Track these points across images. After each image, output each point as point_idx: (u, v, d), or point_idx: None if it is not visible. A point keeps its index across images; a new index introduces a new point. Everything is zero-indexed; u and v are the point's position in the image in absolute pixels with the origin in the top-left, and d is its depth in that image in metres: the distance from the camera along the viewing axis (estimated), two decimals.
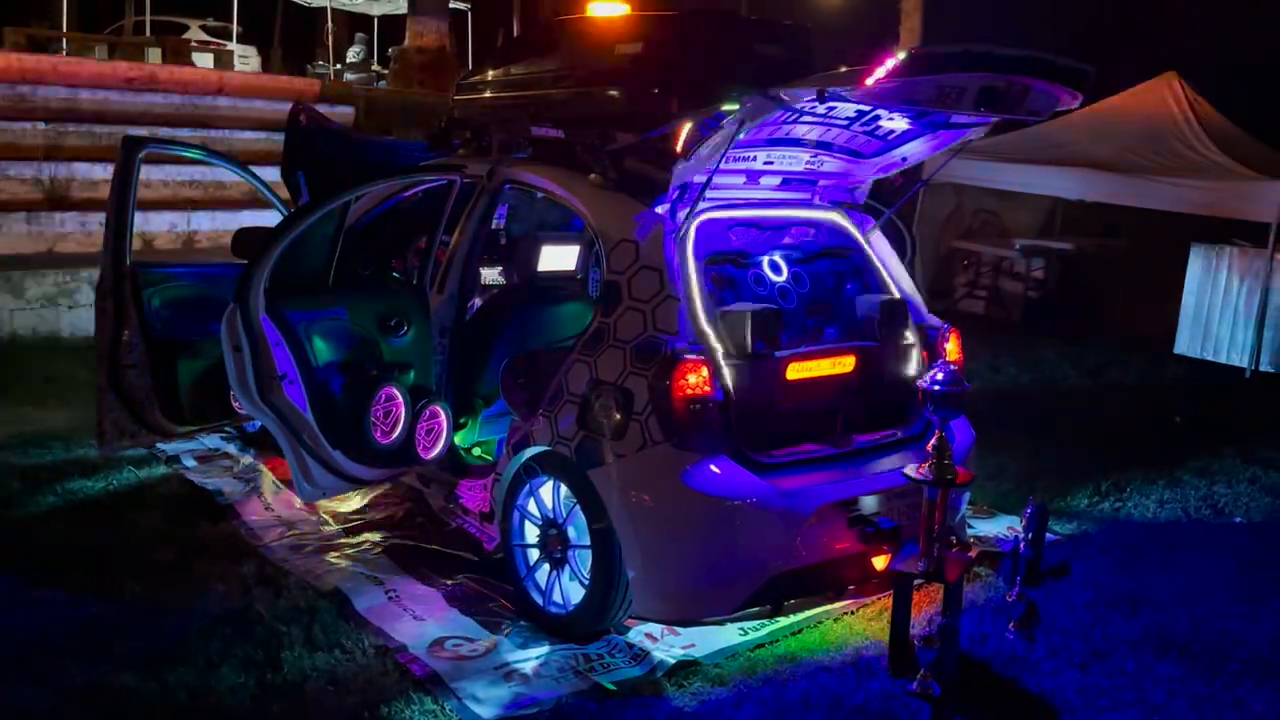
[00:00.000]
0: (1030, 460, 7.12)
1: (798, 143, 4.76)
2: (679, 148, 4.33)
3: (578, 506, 4.35)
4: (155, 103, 11.69)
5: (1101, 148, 11.49)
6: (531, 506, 4.58)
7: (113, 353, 5.11)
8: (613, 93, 4.78)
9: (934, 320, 5.18)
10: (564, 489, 4.43)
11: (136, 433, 5.30)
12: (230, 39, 22.12)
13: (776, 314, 4.54)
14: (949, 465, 4.22)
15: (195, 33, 24.02)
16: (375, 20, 24.86)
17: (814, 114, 4.50)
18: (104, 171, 10.12)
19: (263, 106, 12.00)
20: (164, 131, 10.99)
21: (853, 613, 4.77)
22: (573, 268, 5.67)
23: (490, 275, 6.21)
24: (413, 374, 4.95)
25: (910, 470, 4.22)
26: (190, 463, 6.18)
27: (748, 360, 4.45)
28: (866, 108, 4.50)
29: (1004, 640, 4.57)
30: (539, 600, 4.53)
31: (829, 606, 4.73)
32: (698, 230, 4.54)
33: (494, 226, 6.34)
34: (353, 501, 5.67)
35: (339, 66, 21.90)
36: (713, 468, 4.15)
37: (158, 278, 5.23)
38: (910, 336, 5.05)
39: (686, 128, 4.31)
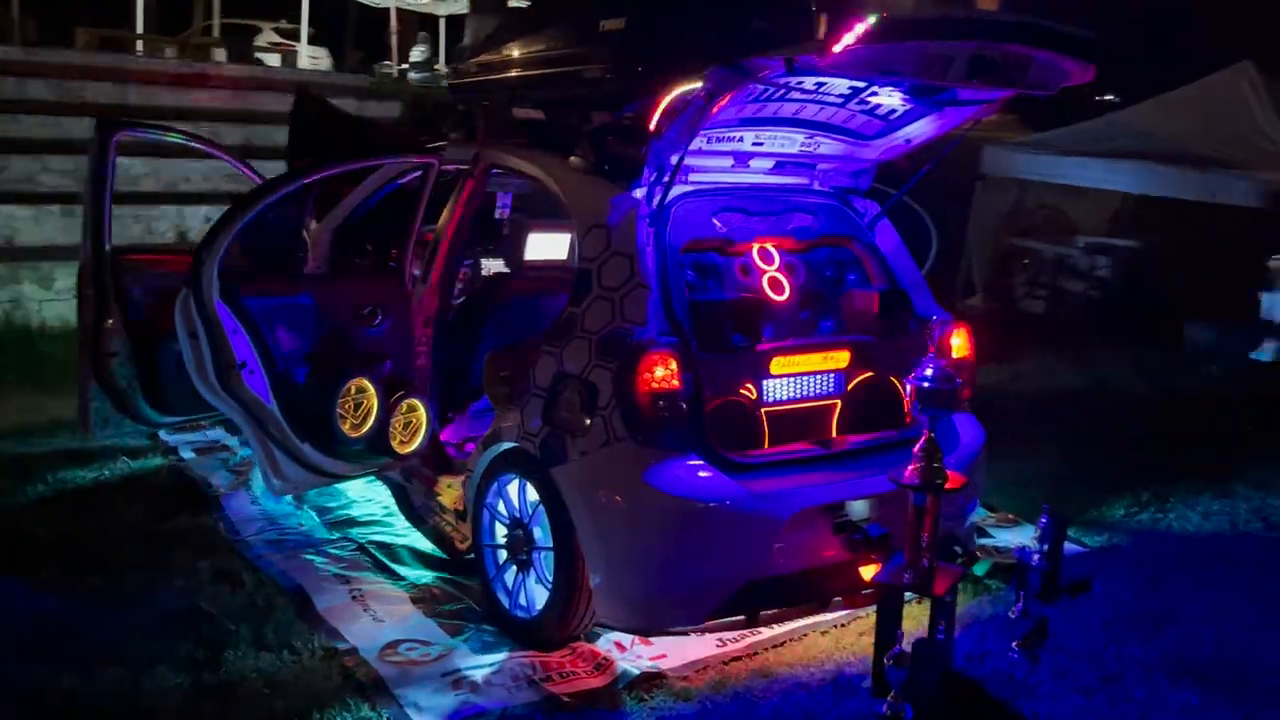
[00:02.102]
0: (1069, 467, 6.69)
1: (789, 122, 4.47)
2: (651, 126, 4.07)
3: (543, 506, 4.12)
4: (201, 99, 11.80)
5: (1171, 140, 10.93)
6: (500, 505, 4.37)
7: (94, 341, 5.03)
8: (593, 70, 4.52)
9: (942, 313, 4.83)
10: (530, 487, 4.20)
11: (120, 422, 5.21)
12: (303, 41, 22.40)
13: (757, 304, 4.26)
14: (939, 469, 3.90)
15: (268, 35, 24.47)
16: (441, 20, 24.99)
17: (803, 90, 4.21)
18: (143, 166, 10.22)
19: None
20: (206, 128, 11.08)
21: (843, 626, 4.47)
22: (564, 256, 5.44)
23: (496, 266, 6.01)
24: (389, 365, 4.76)
25: (897, 474, 3.92)
26: (189, 454, 6.11)
27: (725, 353, 4.17)
28: (860, 83, 4.21)
29: (1005, 659, 4.23)
30: (506, 603, 4.31)
31: (817, 619, 4.42)
32: (676, 215, 4.28)
33: (496, 215, 6.16)
34: (340, 497, 5.53)
35: (404, 66, 22.03)
36: (679, 467, 3.89)
37: (140, 265, 5.13)
38: (913, 331, 4.71)
39: (663, 104, 4.03)
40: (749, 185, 4.62)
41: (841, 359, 4.49)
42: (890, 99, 4.28)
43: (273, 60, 20.41)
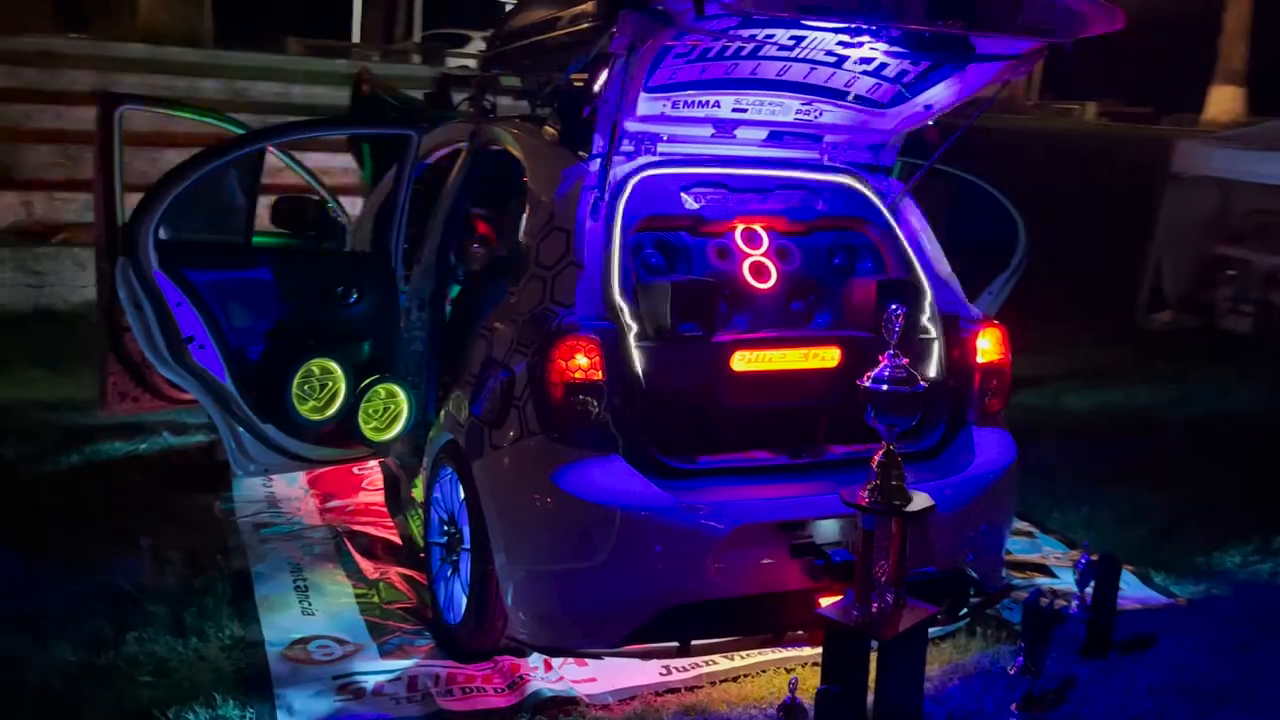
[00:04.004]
0: (1195, 502, 5.70)
1: (774, 85, 3.92)
2: (595, 87, 3.65)
3: (465, 504, 3.78)
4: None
5: None
6: (442, 501, 4.06)
7: (111, 314, 5.07)
8: (578, 30, 4.10)
9: (970, 311, 4.14)
10: (460, 483, 3.87)
11: (139, 396, 5.24)
12: None
13: (710, 288, 3.74)
14: (898, 488, 3.28)
15: (477, 44, 25.39)
16: None
17: (779, 46, 3.68)
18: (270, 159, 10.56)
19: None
20: None
21: (815, 664, 3.85)
22: None
23: None
24: (366, 347, 4.54)
25: (850, 493, 3.33)
26: None
27: (671, 344, 3.68)
28: (851, 40, 3.63)
29: None
30: (442, 606, 3.99)
31: (783, 653, 3.85)
32: (635, 189, 3.83)
33: None
34: (350, 484, 5.40)
35: None
36: (595, 469, 3.44)
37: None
38: (929, 328, 4.06)
39: (618, 63, 3.58)
40: (734, 158, 4.09)
41: (829, 357, 3.90)
42: (874, 51, 3.66)
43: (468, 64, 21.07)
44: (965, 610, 3.98)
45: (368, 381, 4.44)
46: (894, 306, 3.24)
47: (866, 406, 3.27)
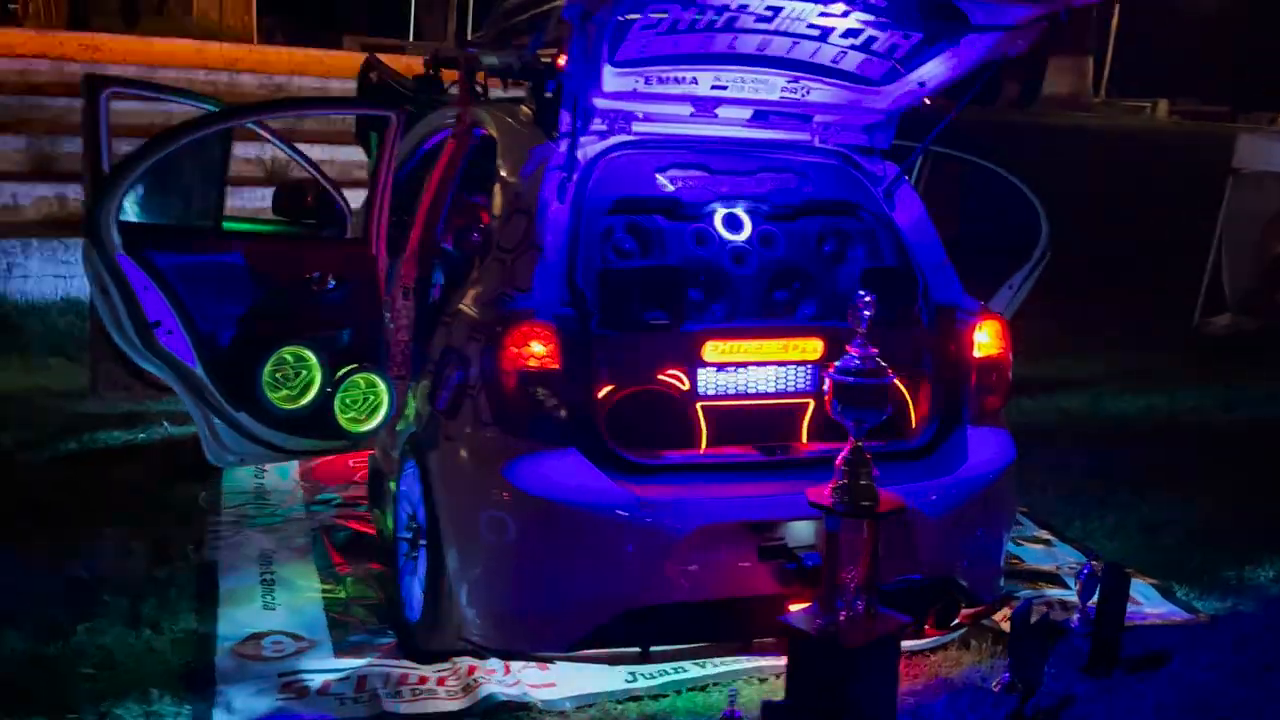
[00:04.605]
0: (1225, 512, 5.37)
1: (756, 61, 3.71)
2: (560, 62, 3.48)
3: (422, 497, 3.63)
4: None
5: None
6: (406, 494, 3.91)
7: None
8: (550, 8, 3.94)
9: (966, 302, 3.89)
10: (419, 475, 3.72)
11: (130, 385, 5.18)
12: None
13: (678, 274, 3.54)
14: (867, 488, 3.06)
15: None
16: None
17: (755, 15, 3.47)
18: (321, 153, 10.49)
19: None
20: None
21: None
22: None
23: None
24: (345, 335, 4.42)
25: (817, 492, 3.12)
26: None
27: (634, 333, 3.49)
28: (830, 10, 3.42)
29: None
30: (404, 603, 3.84)
31: (769, 661, 3.60)
32: (604, 170, 3.66)
33: None
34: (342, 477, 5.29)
35: None
36: (549, 463, 3.27)
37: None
38: (921, 319, 3.81)
39: (575, 33, 3.40)
40: (717, 138, 3.89)
41: (812, 349, 3.68)
42: (859, 24, 3.44)
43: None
44: (957, 621, 3.74)
45: (345, 371, 4.31)
46: (861, 293, 3.02)
47: (832, 400, 3.06)
